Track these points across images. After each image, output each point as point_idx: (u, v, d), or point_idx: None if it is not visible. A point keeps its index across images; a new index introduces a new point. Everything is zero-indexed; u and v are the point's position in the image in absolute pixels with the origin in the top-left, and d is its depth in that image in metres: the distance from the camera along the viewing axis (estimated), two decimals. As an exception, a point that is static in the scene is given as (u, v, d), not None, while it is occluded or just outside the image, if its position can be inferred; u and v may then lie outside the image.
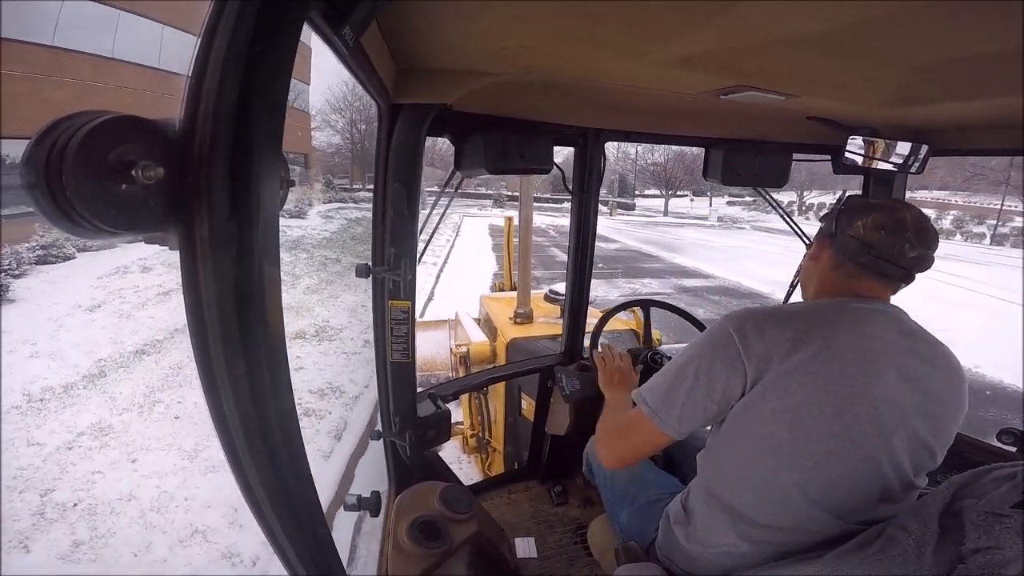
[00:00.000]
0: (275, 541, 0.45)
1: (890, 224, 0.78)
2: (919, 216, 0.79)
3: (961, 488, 0.59)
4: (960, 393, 0.77)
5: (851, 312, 0.78)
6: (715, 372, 0.78)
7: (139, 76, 10.63)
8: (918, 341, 0.77)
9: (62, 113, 0.27)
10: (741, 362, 0.75)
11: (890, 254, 0.78)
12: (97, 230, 0.27)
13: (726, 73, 0.86)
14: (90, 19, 9.58)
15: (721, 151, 1.37)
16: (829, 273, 0.85)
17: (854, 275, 0.81)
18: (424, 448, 1.29)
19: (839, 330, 0.75)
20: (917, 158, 1.30)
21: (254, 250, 0.32)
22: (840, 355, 0.73)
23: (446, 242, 14.92)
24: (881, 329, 0.76)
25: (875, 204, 0.82)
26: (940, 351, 0.79)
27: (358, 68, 0.70)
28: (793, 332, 0.75)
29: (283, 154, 0.37)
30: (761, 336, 0.76)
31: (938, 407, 0.75)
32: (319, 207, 17.85)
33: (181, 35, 10.90)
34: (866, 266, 0.79)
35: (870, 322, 0.77)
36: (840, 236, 0.82)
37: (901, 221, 0.77)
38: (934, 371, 0.76)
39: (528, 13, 0.65)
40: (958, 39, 0.66)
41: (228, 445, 0.37)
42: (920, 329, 0.80)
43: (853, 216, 0.81)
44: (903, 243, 0.77)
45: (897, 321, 0.79)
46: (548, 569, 1.46)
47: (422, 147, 1.01)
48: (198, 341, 0.34)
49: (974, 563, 0.51)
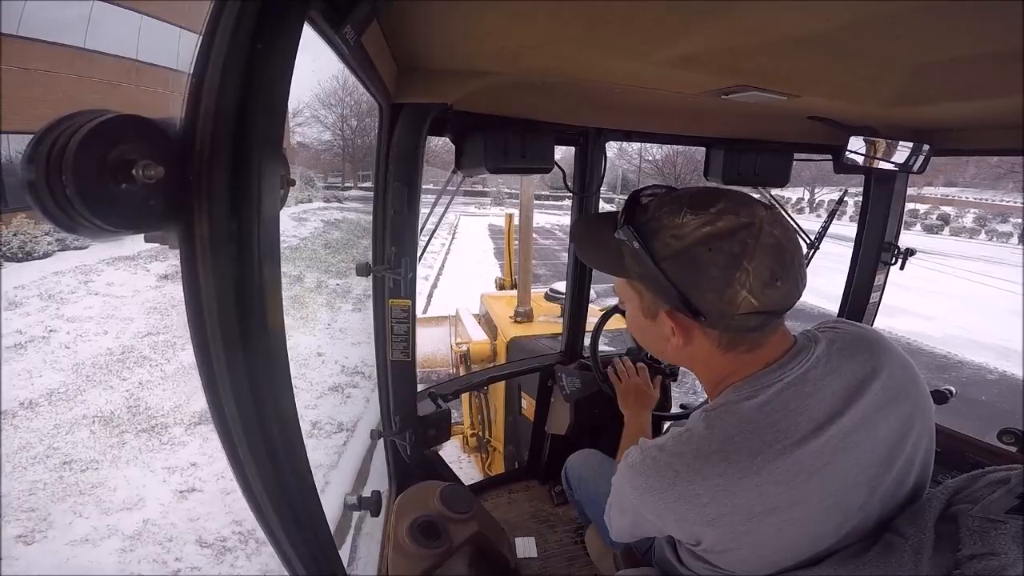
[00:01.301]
0: (275, 541, 0.45)
1: (777, 263, 0.55)
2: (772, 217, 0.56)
3: (956, 493, 0.59)
4: (924, 406, 0.63)
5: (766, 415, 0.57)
6: (651, 531, 0.66)
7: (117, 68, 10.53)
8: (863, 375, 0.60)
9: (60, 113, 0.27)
10: (671, 532, 0.63)
11: (795, 296, 0.58)
12: (97, 229, 0.27)
13: (727, 73, 0.86)
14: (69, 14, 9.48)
15: (722, 151, 1.37)
16: (723, 357, 0.61)
17: (759, 342, 0.61)
18: (424, 447, 1.29)
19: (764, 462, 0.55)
20: (918, 158, 1.30)
21: (254, 250, 0.32)
22: (775, 495, 0.56)
23: (440, 246, 13.32)
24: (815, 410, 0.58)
25: (721, 234, 0.54)
26: (891, 372, 0.61)
27: (359, 67, 0.70)
28: (708, 494, 0.56)
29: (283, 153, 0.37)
30: (673, 510, 0.59)
31: (905, 443, 0.61)
32: (293, 208, 15.92)
33: (161, 26, 10.79)
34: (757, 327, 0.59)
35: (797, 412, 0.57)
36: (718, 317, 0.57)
37: (781, 249, 0.55)
38: (890, 412, 0.60)
39: (529, 13, 0.65)
40: (958, 39, 0.66)
41: (228, 445, 0.37)
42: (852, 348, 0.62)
43: (713, 281, 0.55)
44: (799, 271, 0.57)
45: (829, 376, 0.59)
46: (548, 569, 1.46)
47: (423, 147, 1.01)
48: (198, 340, 0.34)
49: (971, 569, 0.51)
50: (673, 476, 0.58)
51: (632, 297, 0.65)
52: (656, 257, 0.57)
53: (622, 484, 0.65)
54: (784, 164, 1.41)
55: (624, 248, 0.61)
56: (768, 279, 0.54)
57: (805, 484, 0.56)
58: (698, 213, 0.56)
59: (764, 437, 0.57)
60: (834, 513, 0.58)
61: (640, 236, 0.58)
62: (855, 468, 0.58)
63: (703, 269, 0.55)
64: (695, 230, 0.55)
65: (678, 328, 0.61)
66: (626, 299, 0.67)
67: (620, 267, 0.63)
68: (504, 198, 29.67)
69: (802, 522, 0.58)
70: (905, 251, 1.61)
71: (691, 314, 0.58)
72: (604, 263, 0.66)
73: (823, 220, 1.61)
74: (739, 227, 0.55)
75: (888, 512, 0.62)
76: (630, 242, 0.59)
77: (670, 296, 0.58)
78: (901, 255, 1.61)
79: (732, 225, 0.55)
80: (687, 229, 0.56)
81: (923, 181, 27.44)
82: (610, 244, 0.63)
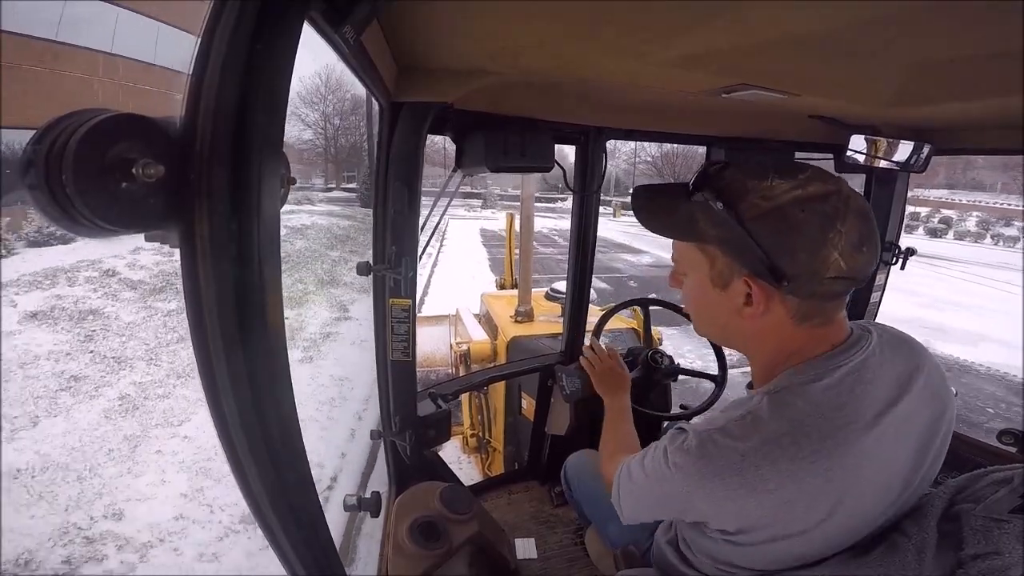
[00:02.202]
0: (275, 541, 0.45)
1: (866, 230, 0.55)
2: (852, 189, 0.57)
3: (959, 492, 0.59)
4: (951, 410, 0.64)
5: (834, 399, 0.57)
6: (686, 514, 0.64)
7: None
8: (908, 371, 0.61)
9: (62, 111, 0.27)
10: (714, 519, 0.61)
11: (867, 271, 0.56)
12: (97, 228, 0.27)
13: (728, 72, 0.86)
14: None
15: (723, 149, 1.37)
16: (795, 330, 0.60)
17: (828, 319, 0.60)
18: (424, 448, 1.29)
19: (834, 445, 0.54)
20: (919, 157, 1.30)
21: (254, 249, 0.32)
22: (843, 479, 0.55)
23: (427, 257, 10.81)
24: (873, 399, 0.57)
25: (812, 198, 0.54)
26: (929, 371, 0.62)
27: (359, 67, 0.69)
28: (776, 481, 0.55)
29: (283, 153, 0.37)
30: (732, 500, 0.57)
31: (934, 443, 0.62)
32: None
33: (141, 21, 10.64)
34: (839, 295, 0.58)
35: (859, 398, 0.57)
36: (805, 280, 0.55)
37: (867, 215, 0.55)
38: (927, 409, 0.61)
39: (529, 13, 0.65)
40: (959, 39, 0.66)
41: (228, 445, 0.37)
42: (897, 347, 0.63)
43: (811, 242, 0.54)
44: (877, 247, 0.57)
45: (879, 367, 0.59)
46: (548, 570, 1.46)
47: (423, 146, 1.01)
48: (198, 340, 0.33)
49: (974, 568, 0.50)
50: (740, 461, 0.56)
51: (700, 265, 0.62)
52: (742, 218, 0.55)
53: (669, 471, 0.61)
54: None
55: (699, 211, 0.59)
56: (857, 242, 0.54)
57: (867, 470, 0.56)
58: (786, 178, 0.55)
59: (835, 421, 0.55)
60: (878, 505, 0.59)
61: (724, 199, 0.56)
62: (900, 460, 0.59)
63: (796, 229, 0.54)
64: (785, 192, 0.54)
65: (758, 294, 0.58)
66: (692, 267, 0.64)
67: (692, 231, 0.60)
68: (496, 200, 28.68)
69: (852, 513, 0.58)
70: (906, 251, 1.62)
71: (774, 279, 0.56)
72: (674, 228, 0.63)
73: None
74: (829, 192, 0.54)
75: (901, 512, 0.62)
76: (712, 203, 0.57)
77: (753, 259, 0.56)
78: (902, 255, 1.61)
79: (822, 191, 0.54)
80: (777, 191, 0.55)
81: (924, 182, 27.45)
82: (681, 209, 0.61)
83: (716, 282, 0.61)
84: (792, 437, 0.55)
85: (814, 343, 0.60)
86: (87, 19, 9.48)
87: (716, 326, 0.67)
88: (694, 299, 0.67)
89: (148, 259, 8.47)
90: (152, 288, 7.59)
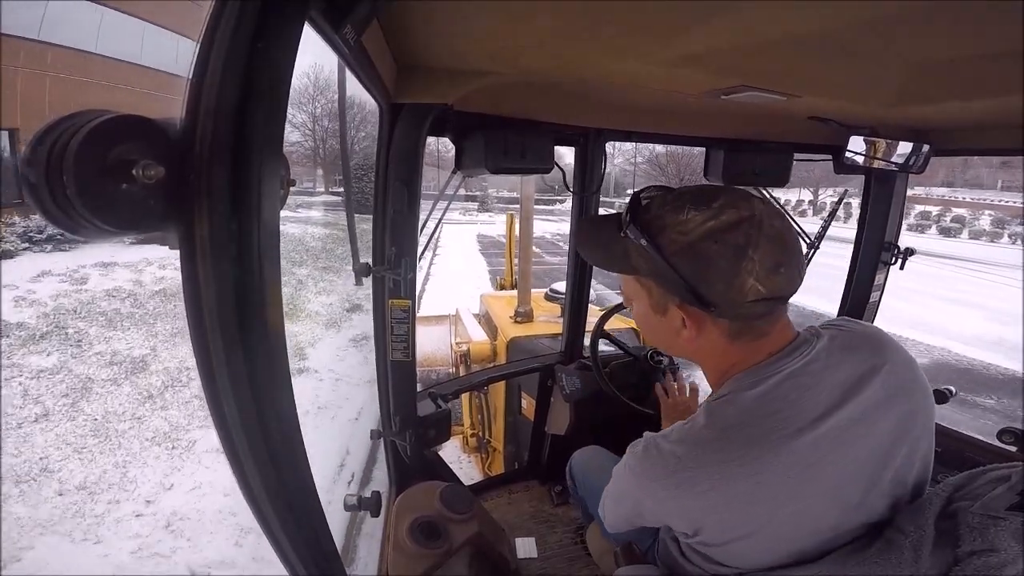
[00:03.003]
0: (275, 541, 0.45)
1: (780, 253, 0.57)
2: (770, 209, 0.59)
3: (957, 490, 0.59)
4: (925, 406, 0.63)
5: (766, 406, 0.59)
6: (648, 520, 0.68)
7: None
8: (861, 372, 0.61)
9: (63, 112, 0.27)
10: (670, 522, 0.65)
11: (790, 288, 0.59)
12: (97, 229, 0.27)
13: (727, 73, 0.86)
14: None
15: (722, 151, 1.37)
16: (731, 346, 0.63)
17: (763, 333, 0.62)
18: (424, 448, 1.29)
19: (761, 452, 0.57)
20: (918, 158, 1.30)
21: (254, 250, 0.32)
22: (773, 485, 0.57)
23: (417, 270, 9.13)
24: (813, 403, 0.59)
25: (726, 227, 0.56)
26: (891, 369, 0.62)
27: (359, 67, 0.70)
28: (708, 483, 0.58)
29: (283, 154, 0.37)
30: (674, 499, 0.60)
31: (903, 442, 0.61)
32: None
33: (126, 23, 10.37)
34: (765, 314, 0.60)
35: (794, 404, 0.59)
36: (728, 305, 0.58)
37: (780, 237, 0.57)
38: (889, 409, 0.61)
39: (529, 13, 0.65)
40: (958, 39, 0.66)
41: (228, 445, 0.37)
42: (852, 345, 0.64)
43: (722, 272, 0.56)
44: (799, 258, 0.59)
45: (826, 372, 0.61)
46: (548, 569, 1.46)
47: (423, 147, 1.01)
48: (198, 340, 0.34)
49: (970, 566, 0.51)
50: (675, 463, 0.59)
51: (640, 294, 0.66)
52: (664, 253, 0.59)
53: (624, 473, 0.67)
54: (784, 164, 1.41)
55: (631, 247, 0.62)
56: (772, 266, 0.56)
57: (802, 475, 0.57)
58: (700, 209, 0.58)
59: (762, 426, 0.58)
60: (831, 508, 0.59)
61: (646, 234, 0.60)
62: (853, 463, 0.59)
63: (711, 261, 0.56)
64: (699, 225, 0.57)
65: (689, 320, 0.62)
66: (634, 296, 0.68)
67: (627, 265, 0.64)
68: (493, 202, 27.41)
69: (799, 515, 0.58)
70: (905, 251, 1.62)
71: (702, 305, 0.59)
72: (611, 262, 0.67)
73: (823, 221, 1.61)
74: (741, 220, 0.56)
75: (888, 510, 0.62)
76: (637, 240, 0.60)
77: (680, 290, 0.59)
78: (901, 255, 1.62)
79: (734, 219, 0.56)
80: (691, 225, 0.57)
81: (924, 181, 27.15)
82: (616, 243, 0.65)
83: (656, 309, 0.65)
84: (720, 443, 0.58)
85: (751, 354, 0.63)
86: (70, 19, 9.19)
87: (664, 344, 0.71)
88: (641, 324, 0.71)
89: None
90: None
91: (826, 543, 0.60)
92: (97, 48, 9.85)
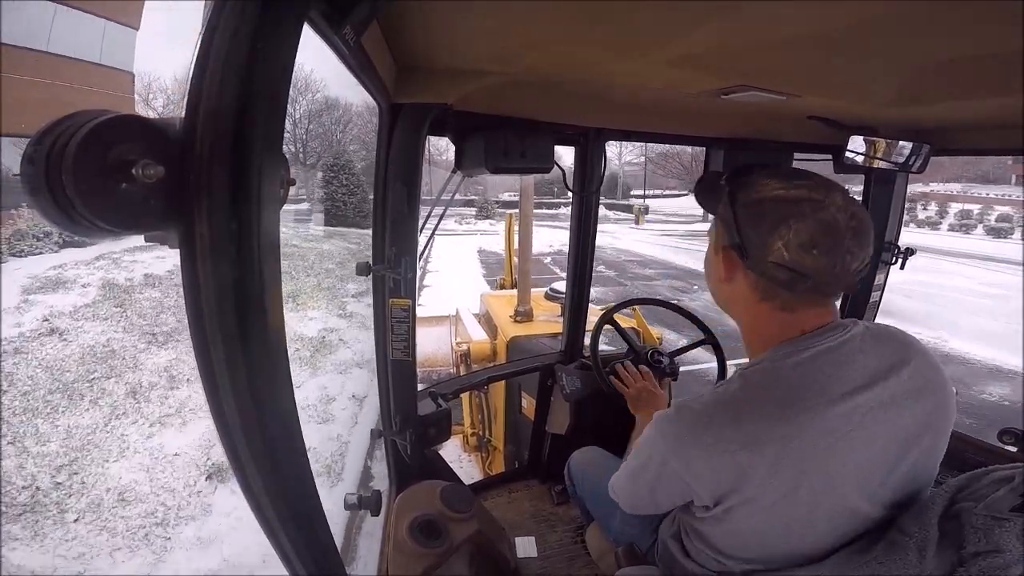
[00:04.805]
0: (275, 541, 0.45)
1: (821, 237, 0.60)
2: (847, 207, 0.62)
3: (960, 491, 0.59)
4: (947, 407, 0.66)
5: (802, 374, 0.62)
6: (670, 491, 0.70)
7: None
8: (891, 362, 0.64)
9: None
10: (692, 489, 0.66)
11: (831, 276, 0.62)
12: (97, 229, 0.28)
13: (727, 73, 0.86)
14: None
15: (722, 150, 1.37)
16: (758, 306, 0.68)
17: (790, 307, 0.66)
18: (425, 447, 1.29)
19: (794, 415, 0.60)
20: (918, 157, 1.30)
21: (254, 250, 0.32)
22: (802, 449, 0.60)
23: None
24: (845, 379, 0.62)
25: (785, 200, 0.62)
26: (918, 366, 0.65)
27: (359, 68, 0.69)
28: (739, 443, 0.60)
29: (284, 154, 0.37)
30: (705, 461, 0.63)
31: (924, 437, 0.64)
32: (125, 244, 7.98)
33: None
34: (803, 293, 0.64)
35: (828, 376, 0.62)
36: (756, 259, 0.64)
37: (833, 227, 0.60)
38: (915, 402, 0.64)
39: (529, 13, 0.65)
40: (959, 39, 0.66)
41: (228, 444, 0.37)
42: (885, 340, 0.67)
43: (763, 229, 0.62)
44: (844, 256, 0.61)
45: (860, 354, 0.64)
46: (548, 569, 1.46)
47: (423, 147, 1.01)
48: (198, 340, 0.34)
49: (974, 566, 0.51)
50: (707, 422, 0.63)
51: (712, 235, 0.75)
52: (735, 202, 0.67)
53: (652, 437, 0.70)
54: (784, 164, 1.41)
55: (722, 194, 0.70)
56: (806, 242, 0.60)
57: (829, 447, 0.60)
58: (781, 180, 0.65)
59: (796, 393, 0.61)
60: (851, 490, 0.61)
61: (734, 187, 0.68)
62: (877, 444, 0.61)
63: (761, 217, 0.64)
64: (772, 190, 0.64)
65: (726, 263, 0.70)
66: (710, 237, 0.77)
67: (714, 207, 0.73)
68: (493, 208, 24.58)
69: (820, 491, 0.60)
70: (905, 251, 1.62)
71: (738, 252, 0.66)
72: (707, 202, 0.77)
73: None
74: (804, 199, 0.62)
75: (894, 509, 0.63)
76: (725, 190, 0.69)
77: (731, 232, 0.67)
78: (901, 255, 1.62)
79: (800, 195, 0.62)
80: (766, 189, 0.65)
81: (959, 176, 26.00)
82: (717, 190, 0.73)
83: (714, 249, 0.74)
84: (754, 405, 0.62)
85: (785, 327, 0.67)
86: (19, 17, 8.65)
87: (710, 286, 0.78)
88: (705, 262, 0.79)
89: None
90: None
91: (836, 531, 0.62)
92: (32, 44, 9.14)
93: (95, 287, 7.08)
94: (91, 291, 6.94)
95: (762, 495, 0.61)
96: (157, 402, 4.74)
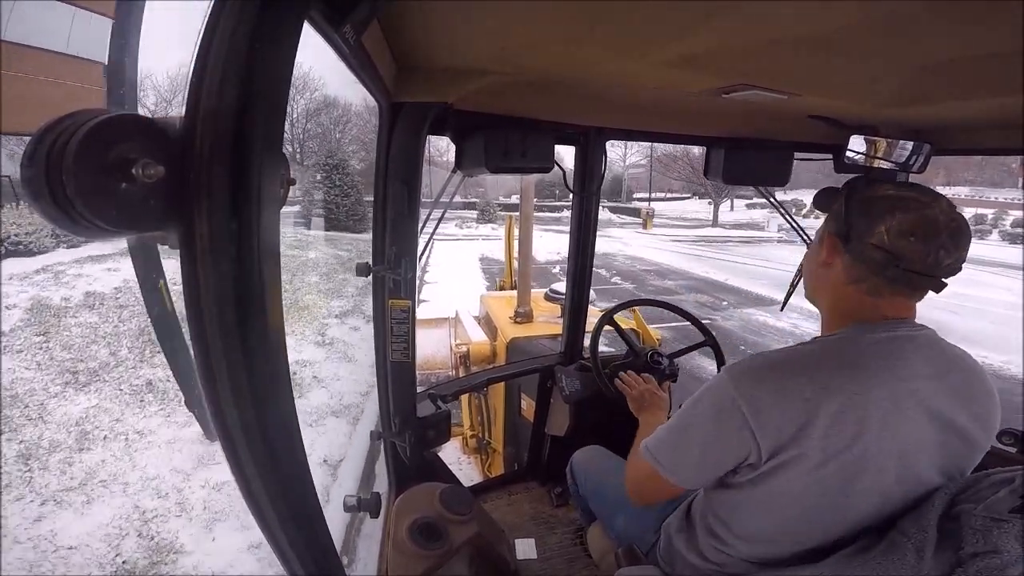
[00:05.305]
0: (275, 541, 0.45)
1: (921, 228, 0.65)
2: (950, 211, 0.67)
3: (960, 493, 0.60)
4: (992, 417, 0.70)
5: (877, 349, 0.67)
6: (725, 445, 0.70)
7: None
8: (952, 371, 0.69)
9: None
10: (753, 438, 0.67)
11: (923, 265, 0.66)
12: (97, 229, 0.27)
13: (727, 72, 0.86)
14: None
15: (722, 150, 1.37)
16: (846, 288, 0.72)
17: (877, 291, 0.70)
18: (424, 449, 1.29)
19: (865, 377, 0.65)
20: (919, 157, 1.30)
21: (254, 250, 0.32)
22: (866, 408, 0.63)
23: None
24: (912, 366, 0.67)
25: (895, 198, 0.68)
26: (974, 378, 0.70)
27: (359, 67, 0.70)
28: (811, 390, 0.64)
29: (284, 153, 0.37)
30: (775, 403, 0.65)
31: (969, 439, 0.68)
32: (75, 254, 7.48)
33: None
34: (893, 280, 0.68)
35: (899, 358, 0.67)
36: (857, 243, 0.69)
37: (933, 223, 0.65)
38: (968, 404, 0.68)
39: (529, 13, 0.65)
40: (959, 39, 0.66)
41: (228, 444, 0.37)
42: (952, 354, 0.71)
43: (871, 216, 0.68)
44: (937, 250, 0.65)
45: (928, 350, 0.69)
46: (548, 570, 1.46)
47: (423, 146, 1.01)
48: (198, 340, 0.33)
49: (973, 568, 0.51)
50: (785, 369, 0.68)
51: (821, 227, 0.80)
52: (851, 198, 0.72)
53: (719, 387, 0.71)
54: (784, 163, 1.41)
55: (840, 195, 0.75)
56: (906, 231, 0.65)
57: (888, 415, 0.64)
58: (894, 185, 0.71)
59: (871, 359, 0.66)
60: (892, 469, 0.64)
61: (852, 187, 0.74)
62: (927, 430, 0.66)
63: (870, 206, 0.69)
64: (885, 190, 0.70)
65: (827, 246, 0.74)
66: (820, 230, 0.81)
67: (828, 207, 0.78)
68: (495, 211, 23.26)
69: (866, 458, 0.64)
70: None
71: (840, 237, 0.72)
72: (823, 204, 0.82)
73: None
74: (915, 200, 0.67)
75: (898, 509, 0.65)
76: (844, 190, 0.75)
77: (838, 220, 0.72)
78: None
79: (910, 196, 0.68)
80: (881, 189, 0.71)
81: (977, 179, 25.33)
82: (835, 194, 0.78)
83: (819, 239, 0.79)
84: (829, 360, 0.68)
85: (868, 310, 0.72)
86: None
87: (806, 271, 0.83)
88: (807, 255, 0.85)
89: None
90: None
91: (858, 515, 0.66)
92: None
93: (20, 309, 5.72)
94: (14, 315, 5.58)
95: (816, 451, 0.64)
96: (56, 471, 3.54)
